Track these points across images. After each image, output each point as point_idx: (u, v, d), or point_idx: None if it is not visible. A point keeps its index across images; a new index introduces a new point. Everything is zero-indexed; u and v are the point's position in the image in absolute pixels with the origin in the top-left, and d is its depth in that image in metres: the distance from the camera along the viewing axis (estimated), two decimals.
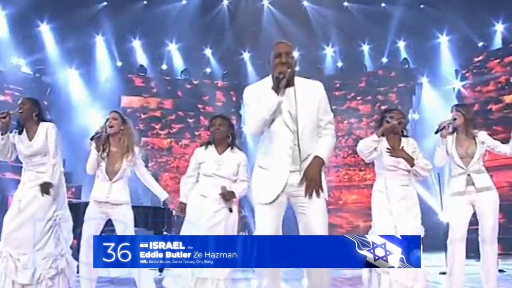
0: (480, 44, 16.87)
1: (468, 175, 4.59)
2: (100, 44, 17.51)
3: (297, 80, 3.41)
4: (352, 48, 18.64)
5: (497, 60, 16.21)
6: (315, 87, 3.42)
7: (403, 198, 4.32)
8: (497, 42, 16.62)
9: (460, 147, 4.65)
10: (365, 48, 18.54)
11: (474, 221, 4.69)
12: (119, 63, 17.92)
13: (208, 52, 18.69)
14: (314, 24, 17.96)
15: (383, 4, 17.08)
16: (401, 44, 18.05)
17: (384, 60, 18.33)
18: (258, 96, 3.33)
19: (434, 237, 13.01)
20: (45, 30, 16.50)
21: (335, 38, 18.34)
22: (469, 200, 4.60)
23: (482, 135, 4.74)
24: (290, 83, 3.34)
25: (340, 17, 17.39)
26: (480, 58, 16.77)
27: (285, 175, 3.24)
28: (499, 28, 16.49)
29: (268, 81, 3.36)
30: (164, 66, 18.50)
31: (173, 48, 18.41)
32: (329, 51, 18.80)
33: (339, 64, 18.71)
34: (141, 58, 18.28)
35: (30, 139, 4.54)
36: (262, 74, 3.54)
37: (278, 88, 3.24)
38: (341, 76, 18.63)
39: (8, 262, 4.23)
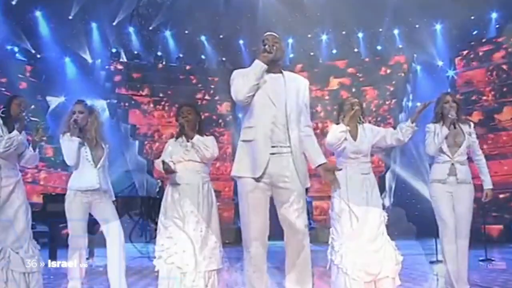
0: (475, 32, 16.90)
1: (452, 164, 4.59)
2: (94, 31, 17.44)
3: (285, 72, 3.56)
4: (347, 35, 18.62)
5: (492, 48, 16.25)
6: (302, 80, 3.58)
7: (365, 186, 4.37)
8: (492, 30, 16.66)
9: (449, 135, 4.63)
10: (360, 35, 18.52)
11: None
12: (113, 50, 17.89)
13: (203, 38, 18.65)
14: (309, 10, 17.90)
15: None
16: (396, 32, 18.05)
17: (379, 47, 18.33)
18: (244, 72, 3.45)
19: (426, 225, 13.25)
20: (39, 16, 16.41)
21: (330, 25, 18.31)
22: (448, 189, 4.59)
23: (469, 126, 4.75)
24: (276, 71, 3.48)
25: (335, 3, 17.32)
26: (474, 45, 16.80)
27: (267, 152, 3.34)
28: (494, 16, 16.51)
29: None
30: (159, 53, 18.49)
31: (168, 34, 18.38)
32: (323, 38, 18.78)
33: (334, 51, 18.69)
34: (136, 44, 18.24)
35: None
36: None
37: (263, 56, 3.36)
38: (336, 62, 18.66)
39: (12, 256, 4.31)
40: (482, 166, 4.79)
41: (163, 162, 4.37)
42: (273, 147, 3.34)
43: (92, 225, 5.41)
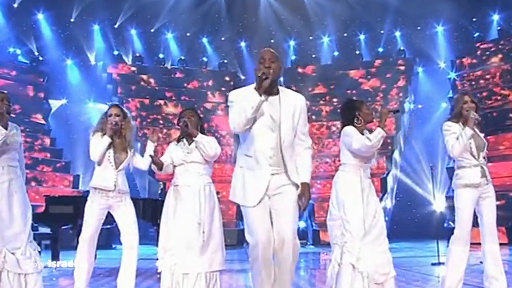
0: (476, 34, 16.94)
1: (481, 167, 4.49)
2: (96, 33, 17.51)
3: (282, 89, 3.58)
4: (348, 37, 18.68)
5: (493, 51, 16.26)
6: (298, 100, 3.59)
7: (371, 189, 4.35)
8: (493, 32, 16.69)
9: (474, 138, 4.50)
10: (362, 37, 18.58)
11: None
12: (115, 52, 17.95)
13: (204, 41, 18.72)
14: (311, 13, 17.97)
15: None
16: (397, 34, 18.10)
17: (380, 49, 18.38)
18: (242, 97, 3.48)
19: (427, 227, 13.28)
20: (42, 19, 16.48)
21: (331, 27, 18.37)
22: (479, 194, 4.48)
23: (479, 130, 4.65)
24: (274, 91, 3.50)
25: (337, 6, 17.39)
26: (475, 48, 16.82)
27: (267, 177, 3.42)
28: (495, 18, 16.55)
29: (253, 87, 3.49)
30: (161, 55, 18.56)
31: (169, 37, 18.45)
32: (325, 40, 18.84)
33: (335, 53, 18.74)
34: (138, 47, 18.31)
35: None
36: None
37: (261, 87, 3.39)
38: (337, 65, 18.70)
39: (7, 256, 4.31)
40: None
41: (150, 155, 4.47)
42: (274, 168, 3.43)
43: None
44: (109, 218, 4.70)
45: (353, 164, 4.35)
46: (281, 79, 13.90)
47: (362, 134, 4.34)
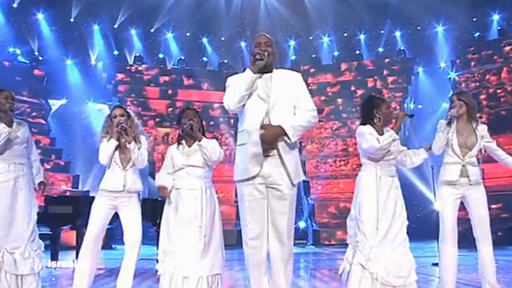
0: (477, 34, 16.93)
1: (463, 165, 4.49)
2: (96, 33, 17.51)
3: (276, 69, 3.59)
4: (348, 37, 18.67)
5: (493, 50, 16.25)
6: (292, 75, 3.61)
7: (393, 188, 4.31)
8: (494, 32, 16.69)
9: (460, 136, 4.54)
10: (362, 37, 18.56)
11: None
12: (115, 52, 17.94)
13: (204, 41, 18.72)
14: (311, 13, 17.96)
15: None
16: (397, 34, 18.10)
17: (381, 49, 18.37)
18: (237, 79, 3.51)
19: (427, 227, 13.24)
20: (42, 19, 16.48)
21: (331, 27, 18.36)
22: (460, 192, 4.50)
23: (482, 129, 4.62)
24: (268, 70, 3.51)
25: (337, 6, 17.37)
26: (476, 48, 16.81)
27: (261, 151, 3.37)
28: (496, 18, 16.54)
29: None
30: (160, 55, 18.56)
31: (169, 37, 18.45)
32: (325, 40, 18.83)
33: (336, 53, 18.73)
34: (138, 47, 18.31)
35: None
36: None
37: (254, 66, 3.41)
38: (338, 65, 18.68)
39: (6, 256, 4.28)
40: (506, 158, 4.70)
41: (160, 187, 4.41)
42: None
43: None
44: (110, 218, 4.69)
45: (369, 163, 4.30)
46: None
47: (382, 133, 4.27)
